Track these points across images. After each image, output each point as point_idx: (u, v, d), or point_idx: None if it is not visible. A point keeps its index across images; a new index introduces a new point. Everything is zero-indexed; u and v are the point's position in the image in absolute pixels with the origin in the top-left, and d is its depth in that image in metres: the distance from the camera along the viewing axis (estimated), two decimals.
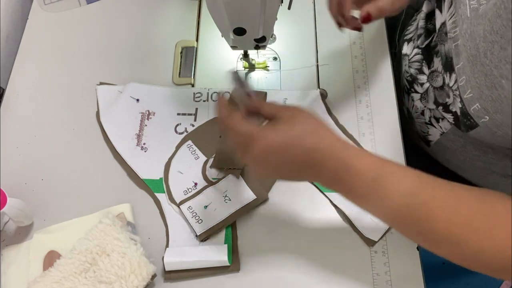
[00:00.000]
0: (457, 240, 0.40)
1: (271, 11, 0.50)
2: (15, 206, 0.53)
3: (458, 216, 0.39)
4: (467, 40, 0.48)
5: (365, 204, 0.43)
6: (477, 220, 0.39)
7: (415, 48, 0.62)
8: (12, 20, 0.75)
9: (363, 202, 0.43)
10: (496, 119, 0.46)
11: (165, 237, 0.56)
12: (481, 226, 0.39)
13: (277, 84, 0.67)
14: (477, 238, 0.39)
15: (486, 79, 0.45)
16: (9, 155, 0.62)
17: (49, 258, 0.53)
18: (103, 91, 0.66)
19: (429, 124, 0.63)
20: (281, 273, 0.54)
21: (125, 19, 0.73)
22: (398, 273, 0.54)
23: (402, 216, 0.41)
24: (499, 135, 0.48)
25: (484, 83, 0.45)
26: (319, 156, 0.41)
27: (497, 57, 0.43)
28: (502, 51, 0.42)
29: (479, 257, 0.40)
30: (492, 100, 0.45)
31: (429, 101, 0.60)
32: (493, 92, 0.45)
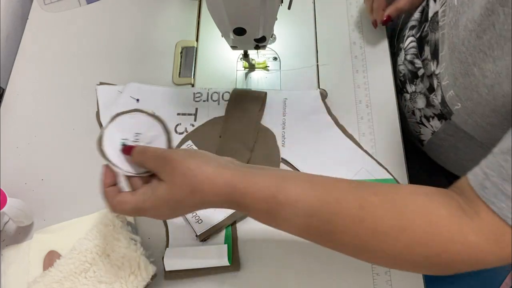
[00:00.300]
0: (366, 249, 0.40)
1: (271, 11, 0.50)
2: (15, 206, 0.53)
3: (363, 226, 0.39)
4: (451, 28, 0.48)
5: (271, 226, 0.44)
6: (386, 225, 0.39)
7: (410, 37, 0.64)
8: (12, 20, 0.75)
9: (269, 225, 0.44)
10: (467, 106, 0.47)
11: (165, 237, 0.56)
12: (390, 232, 0.39)
13: (277, 84, 0.67)
14: (387, 243, 0.39)
15: (461, 66, 0.46)
16: (9, 155, 0.62)
17: (49, 258, 0.53)
18: (103, 91, 0.66)
19: (420, 123, 0.63)
20: (281, 273, 0.54)
21: (125, 19, 0.73)
22: (398, 273, 0.54)
23: (306, 234, 0.42)
24: (470, 123, 0.48)
25: (459, 70, 0.46)
26: (209, 205, 0.42)
27: (472, 45, 0.44)
28: (478, 39, 0.43)
29: (396, 260, 0.40)
30: (464, 87, 0.46)
31: (417, 101, 0.61)
32: (465, 80, 0.46)
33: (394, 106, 0.65)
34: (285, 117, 0.64)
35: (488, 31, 0.42)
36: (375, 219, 0.39)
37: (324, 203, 0.40)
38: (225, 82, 0.68)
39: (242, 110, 0.63)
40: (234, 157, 0.45)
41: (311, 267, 0.54)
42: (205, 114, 0.64)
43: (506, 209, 0.36)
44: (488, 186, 0.37)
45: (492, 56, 0.42)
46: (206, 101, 0.65)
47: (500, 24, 0.40)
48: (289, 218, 0.41)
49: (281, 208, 0.41)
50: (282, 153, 0.61)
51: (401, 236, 0.38)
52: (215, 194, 0.41)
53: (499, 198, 0.36)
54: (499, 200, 0.36)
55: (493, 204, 0.36)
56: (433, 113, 0.59)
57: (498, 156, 0.37)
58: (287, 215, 0.41)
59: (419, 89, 0.61)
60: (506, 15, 0.39)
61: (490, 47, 0.42)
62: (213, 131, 0.63)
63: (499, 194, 0.36)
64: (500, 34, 0.40)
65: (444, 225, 0.38)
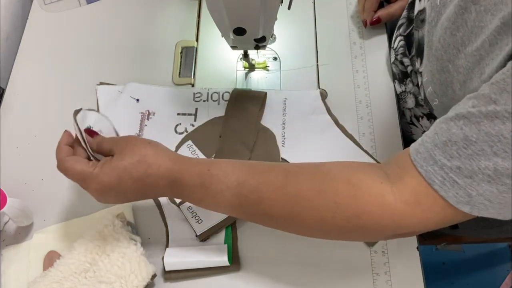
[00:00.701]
0: (292, 214, 0.43)
1: (271, 11, 0.50)
2: (15, 206, 0.53)
3: (287, 191, 0.42)
4: (432, 27, 0.50)
5: (206, 205, 0.48)
6: (306, 189, 0.42)
7: (399, 36, 0.64)
8: (12, 20, 0.75)
9: (204, 205, 0.48)
10: (443, 102, 0.48)
11: (165, 237, 0.56)
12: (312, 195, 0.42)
13: (277, 84, 0.67)
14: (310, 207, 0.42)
15: (437, 63, 0.47)
16: (9, 155, 0.62)
17: (49, 258, 0.53)
18: (103, 91, 0.66)
19: (411, 123, 0.64)
20: (281, 273, 0.54)
21: (125, 19, 0.73)
22: (398, 273, 0.54)
23: (238, 207, 0.45)
24: None
25: (436, 67, 0.48)
26: (150, 180, 0.45)
27: (447, 42, 0.45)
28: (452, 36, 0.44)
29: (321, 225, 0.42)
30: (440, 83, 0.47)
31: (407, 101, 0.62)
32: (441, 76, 0.47)
33: (394, 106, 0.65)
34: (285, 117, 0.64)
35: (461, 28, 0.43)
36: (298, 184, 0.42)
37: (252, 174, 0.45)
38: (225, 82, 0.68)
39: (242, 110, 0.63)
40: (234, 157, 0.47)
41: (311, 267, 0.54)
42: (205, 114, 0.64)
43: (432, 172, 0.37)
44: (422, 151, 0.39)
45: (464, 53, 0.43)
46: (206, 101, 0.65)
47: (471, 21, 0.41)
48: (221, 189, 0.45)
49: (214, 180, 0.45)
50: (282, 153, 0.61)
51: (322, 198, 0.41)
52: (158, 167, 0.45)
53: (428, 162, 0.38)
54: (427, 164, 0.38)
55: (421, 168, 0.38)
56: (422, 113, 0.60)
57: (436, 125, 0.39)
58: (219, 186, 0.45)
59: (409, 89, 0.62)
60: (478, 12, 0.40)
61: (462, 43, 0.43)
62: (213, 131, 0.63)
63: (429, 158, 0.38)
64: (471, 31, 0.41)
65: (363, 187, 0.40)
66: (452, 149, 0.36)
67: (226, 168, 0.45)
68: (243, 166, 0.46)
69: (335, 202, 0.41)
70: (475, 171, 0.35)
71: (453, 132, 0.36)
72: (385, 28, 0.71)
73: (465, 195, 0.36)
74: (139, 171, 0.45)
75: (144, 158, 0.45)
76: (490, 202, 0.36)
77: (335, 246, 0.55)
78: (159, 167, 0.45)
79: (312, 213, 0.42)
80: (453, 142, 0.36)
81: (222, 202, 0.45)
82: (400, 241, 0.55)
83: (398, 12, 0.68)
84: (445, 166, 0.37)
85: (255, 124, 0.62)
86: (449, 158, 0.36)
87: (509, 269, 1.24)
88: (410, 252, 0.55)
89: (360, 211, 0.40)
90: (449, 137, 0.36)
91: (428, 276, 0.54)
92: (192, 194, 0.46)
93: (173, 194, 0.48)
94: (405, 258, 0.55)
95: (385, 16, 0.68)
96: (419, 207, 0.39)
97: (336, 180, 0.41)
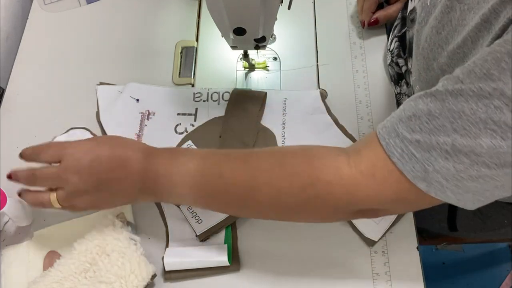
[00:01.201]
0: (251, 187, 0.44)
1: (271, 11, 0.50)
2: (15, 206, 0.53)
3: (247, 165, 0.44)
4: (422, 27, 0.50)
5: (173, 200, 0.50)
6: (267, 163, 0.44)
7: (394, 38, 0.65)
8: (12, 20, 0.75)
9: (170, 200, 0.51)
10: None
11: (165, 237, 0.56)
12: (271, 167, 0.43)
13: (277, 84, 0.67)
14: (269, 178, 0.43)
15: (424, 61, 0.48)
16: (9, 155, 0.62)
17: (49, 258, 0.53)
18: (103, 91, 0.66)
19: None
20: (281, 273, 0.54)
21: (125, 19, 0.73)
22: (398, 273, 0.54)
23: (198, 182, 0.46)
24: None
25: (422, 65, 0.48)
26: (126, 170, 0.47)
27: (433, 40, 0.45)
28: (437, 35, 0.45)
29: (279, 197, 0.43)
30: (426, 81, 0.48)
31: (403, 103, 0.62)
32: (427, 74, 0.47)
33: (394, 106, 0.65)
34: (285, 117, 0.64)
35: (446, 27, 0.43)
36: (258, 159, 0.44)
37: (215, 153, 0.47)
38: (225, 82, 0.68)
39: (242, 110, 0.63)
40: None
41: (311, 267, 0.54)
42: (205, 114, 0.64)
43: (393, 145, 0.38)
44: (387, 125, 0.40)
45: (447, 51, 0.43)
46: (206, 101, 0.65)
47: (455, 20, 0.42)
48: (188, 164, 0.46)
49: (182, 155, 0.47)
50: None
51: (280, 170, 0.43)
52: (134, 151, 0.47)
53: (390, 135, 0.39)
54: (389, 137, 0.39)
55: (383, 140, 0.39)
56: None
57: (405, 103, 0.40)
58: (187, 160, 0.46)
59: (403, 91, 0.62)
60: (462, 11, 0.41)
61: (446, 42, 0.43)
62: (213, 131, 0.63)
63: (392, 131, 0.39)
64: (455, 29, 0.42)
65: (320, 158, 0.42)
66: (415, 123, 0.37)
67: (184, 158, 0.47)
68: (199, 155, 0.47)
69: (292, 172, 0.42)
70: (433, 146, 0.36)
71: (419, 108, 0.37)
72: (385, 29, 0.71)
73: (422, 170, 0.37)
74: (115, 158, 0.46)
75: (120, 144, 0.48)
76: (446, 181, 0.36)
77: (336, 246, 0.55)
78: (134, 152, 0.47)
79: (270, 185, 0.43)
80: (417, 116, 0.37)
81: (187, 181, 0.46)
82: (400, 241, 0.55)
83: (396, 14, 0.68)
84: (406, 139, 0.37)
85: (255, 124, 0.62)
86: (410, 132, 0.37)
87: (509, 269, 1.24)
88: (410, 252, 0.55)
89: (314, 179, 0.41)
90: (414, 112, 0.37)
91: (428, 276, 0.54)
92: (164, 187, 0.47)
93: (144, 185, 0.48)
94: (405, 258, 0.55)
95: (383, 18, 0.69)
96: (373, 179, 0.39)
97: (295, 154, 0.44)
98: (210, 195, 0.47)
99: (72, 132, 0.62)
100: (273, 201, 0.44)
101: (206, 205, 0.49)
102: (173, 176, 0.47)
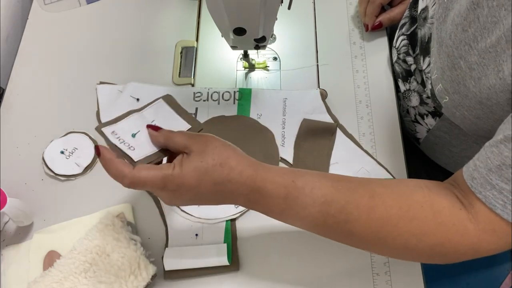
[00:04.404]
0: (377, 237, 0.42)
1: (271, 11, 0.50)
2: (15, 206, 0.53)
3: (375, 215, 0.42)
4: (440, 24, 0.49)
5: (285, 219, 0.45)
6: (395, 215, 0.42)
7: (401, 36, 0.64)
8: (12, 20, 0.76)
9: (283, 219, 0.45)
10: (454, 99, 0.48)
11: (165, 237, 0.56)
12: (399, 221, 0.41)
13: (277, 84, 0.67)
14: (397, 232, 0.42)
15: (448, 60, 0.47)
16: (9, 155, 0.62)
17: (49, 258, 0.53)
18: (103, 90, 0.66)
19: (415, 122, 0.64)
20: (280, 273, 0.54)
21: (125, 19, 0.73)
22: (398, 273, 0.54)
23: (322, 224, 0.43)
24: (458, 116, 0.49)
25: (446, 63, 0.47)
26: (231, 186, 0.42)
27: (458, 38, 0.45)
28: (463, 32, 0.44)
29: (404, 249, 0.43)
30: (451, 80, 0.47)
31: (411, 99, 0.62)
32: (452, 73, 0.47)
33: (394, 106, 0.65)
34: (285, 117, 0.64)
35: (473, 24, 0.43)
36: (386, 208, 0.42)
37: (337, 191, 0.42)
38: (225, 82, 0.68)
39: (312, 143, 0.62)
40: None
41: (310, 267, 0.54)
42: (205, 113, 0.64)
43: (492, 197, 0.38)
44: (477, 176, 0.39)
45: (477, 49, 0.43)
46: (206, 101, 0.65)
47: (484, 17, 0.41)
48: (307, 205, 0.42)
49: (299, 193, 0.42)
50: (281, 152, 0.61)
51: (410, 225, 0.41)
52: (239, 172, 0.42)
53: (485, 187, 0.39)
54: (485, 190, 0.39)
55: (480, 194, 0.39)
56: (427, 111, 0.59)
57: (487, 149, 0.39)
58: (304, 201, 0.42)
59: (413, 87, 0.61)
60: (490, 7, 0.40)
61: (474, 39, 0.43)
62: (213, 131, 0.62)
63: (486, 184, 0.38)
64: (484, 26, 0.41)
65: (447, 215, 0.41)
66: (508, 172, 0.37)
67: (313, 181, 0.43)
68: (328, 180, 0.43)
69: (422, 230, 0.41)
70: None
71: (505, 155, 0.37)
72: (385, 28, 0.71)
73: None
74: (221, 175, 0.42)
75: (226, 161, 0.42)
76: None
77: (336, 246, 0.55)
78: (241, 173, 0.42)
79: (397, 238, 0.42)
80: (507, 165, 0.37)
81: (306, 217, 0.43)
82: None
83: (399, 16, 0.68)
84: (504, 189, 0.38)
85: (326, 157, 0.61)
86: (506, 182, 0.37)
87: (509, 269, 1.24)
88: None
89: (444, 240, 0.41)
90: (503, 161, 0.37)
91: (428, 276, 0.54)
92: (272, 205, 0.44)
93: (250, 203, 0.44)
94: None
95: (387, 21, 0.69)
96: (495, 234, 0.40)
97: (422, 206, 0.41)
98: (331, 235, 0.46)
99: (70, 136, 0.62)
100: (397, 251, 0.44)
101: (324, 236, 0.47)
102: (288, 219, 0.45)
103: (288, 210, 0.43)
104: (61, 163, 0.60)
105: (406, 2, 0.68)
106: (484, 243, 0.40)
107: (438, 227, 0.41)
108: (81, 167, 0.60)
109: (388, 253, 0.47)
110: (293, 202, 0.43)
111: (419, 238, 0.41)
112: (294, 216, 0.44)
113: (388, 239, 0.42)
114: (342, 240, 0.45)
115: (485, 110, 0.45)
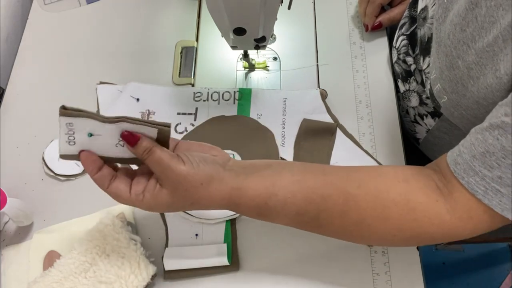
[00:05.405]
0: (352, 235, 0.46)
1: (271, 11, 0.50)
2: (15, 206, 0.53)
3: (348, 219, 0.44)
4: (439, 24, 0.50)
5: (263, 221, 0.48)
6: (369, 217, 0.43)
7: (401, 36, 0.64)
8: (12, 20, 0.76)
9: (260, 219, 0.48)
10: (452, 99, 0.48)
11: (165, 237, 0.56)
12: (373, 222, 0.43)
13: (277, 84, 0.67)
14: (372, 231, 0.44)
15: (446, 59, 0.47)
16: (9, 155, 0.62)
17: (49, 258, 0.53)
18: (103, 90, 0.66)
19: (415, 122, 0.64)
20: (280, 273, 0.54)
21: (125, 19, 0.73)
22: (398, 273, 0.54)
23: (296, 226, 0.47)
24: (456, 116, 0.50)
25: (445, 63, 0.48)
26: (206, 203, 0.45)
27: (457, 38, 0.45)
28: (462, 32, 0.44)
29: (380, 241, 0.47)
30: (450, 80, 0.47)
31: (411, 100, 0.62)
32: (450, 73, 0.47)
33: (394, 106, 0.65)
34: (285, 117, 0.64)
35: (471, 24, 0.43)
36: (360, 211, 0.43)
37: (311, 203, 0.44)
38: (225, 82, 0.68)
39: (312, 143, 0.62)
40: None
41: (310, 267, 0.54)
42: (205, 113, 0.64)
43: (474, 183, 0.39)
44: (460, 162, 0.40)
45: (474, 48, 0.43)
46: (206, 101, 0.65)
47: (482, 17, 0.42)
48: (280, 218, 0.46)
49: (271, 212, 0.45)
50: (281, 152, 0.61)
51: (384, 225, 0.43)
52: (212, 207, 0.46)
53: (468, 173, 0.39)
54: (468, 175, 0.39)
55: (462, 179, 0.40)
56: (427, 111, 0.60)
57: (472, 135, 0.40)
58: (277, 216, 0.46)
59: (413, 87, 0.62)
60: (488, 7, 0.41)
61: (472, 39, 0.43)
62: (213, 131, 0.63)
63: (469, 170, 0.39)
64: (481, 26, 0.42)
65: (422, 210, 0.42)
66: (491, 159, 0.37)
67: (284, 196, 0.44)
68: (300, 189, 0.44)
69: (397, 227, 0.43)
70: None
71: (489, 142, 0.38)
72: (385, 29, 0.71)
73: (509, 202, 0.38)
74: (193, 207, 0.45)
75: (197, 201, 0.44)
76: None
77: (336, 246, 0.55)
78: (213, 207, 0.46)
79: (372, 236, 0.45)
80: (491, 153, 0.37)
81: (280, 223, 0.47)
82: None
83: (399, 16, 0.68)
84: (486, 176, 0.38)
85: (326, 157, 0.61)
86: (489, 169, 0.38)
87: (509, 269, 1.24)
88: (410, 252, 0.55)
89: (420, 232, 0.43)
90: (487, 148, 0.38)
91: (428, 276, 0.54)
92: (247, 215, 0.48)
93: (228, 208, 0.47)
94: (405, 258, 0.55)
95: (387, 21, 0.69)
96: (471, 221, 0.41)
97: (397, 205, 0.43)
98: (306, 228, 0.48)
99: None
100: (373, 243, 0.50)
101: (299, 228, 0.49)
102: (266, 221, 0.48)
103: (262, 219, 0.47)
104: (61, 163, 0.60)
105: (406, 2, 0.68)
106: (460, 229, 0.42)
107: (413, 223, 0.42)
108: (81, 167, 0.60)
109: (366, 244, 0.53)
110: (266, 218, 0.46)
111: (394, 234, 0.43)
112: (269, 222, 0.47)
113: (364, 237, 0.46)
114: (316, 232, 0.48)
115: (482, 110, 0.45)
